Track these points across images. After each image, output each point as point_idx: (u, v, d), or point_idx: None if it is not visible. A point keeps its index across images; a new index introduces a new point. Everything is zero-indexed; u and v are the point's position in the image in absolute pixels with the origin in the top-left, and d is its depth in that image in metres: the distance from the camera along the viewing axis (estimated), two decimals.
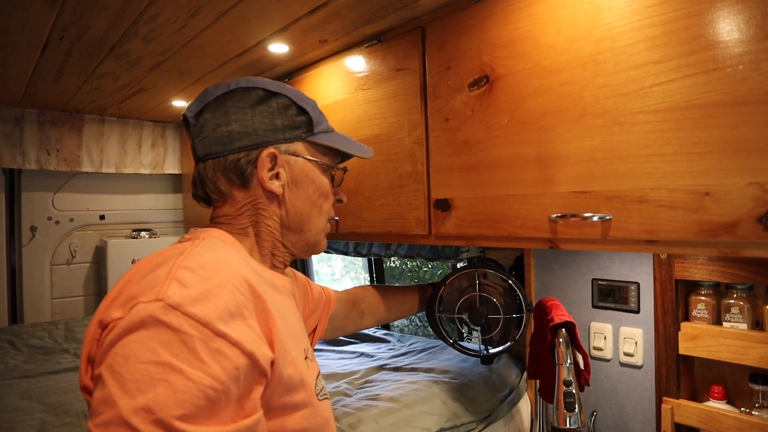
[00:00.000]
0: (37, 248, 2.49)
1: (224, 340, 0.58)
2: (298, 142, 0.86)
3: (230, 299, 0.62)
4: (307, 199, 0.87)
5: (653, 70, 0.91)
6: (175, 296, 0.58)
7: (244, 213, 0.84)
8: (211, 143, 0.82)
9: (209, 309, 0.59)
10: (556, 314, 1.21)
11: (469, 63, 1.21)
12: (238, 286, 0.64)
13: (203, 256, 0.67)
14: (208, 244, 0.73)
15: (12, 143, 2.26)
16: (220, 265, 0.66)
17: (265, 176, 0.82)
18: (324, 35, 1.48)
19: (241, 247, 0.81)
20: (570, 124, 1.03)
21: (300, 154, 0.86)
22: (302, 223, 0.88)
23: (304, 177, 0.87)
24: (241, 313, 0.62)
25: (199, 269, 0.63)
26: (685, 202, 0.88)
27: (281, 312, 0.73)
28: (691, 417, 1.26)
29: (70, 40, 1.46)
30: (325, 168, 0.91)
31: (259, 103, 0.83)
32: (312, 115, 0.88)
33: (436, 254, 1.87)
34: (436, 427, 1.33)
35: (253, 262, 0.80)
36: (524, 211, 1.11)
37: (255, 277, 0.70)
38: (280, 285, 0.85)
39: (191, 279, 0.61)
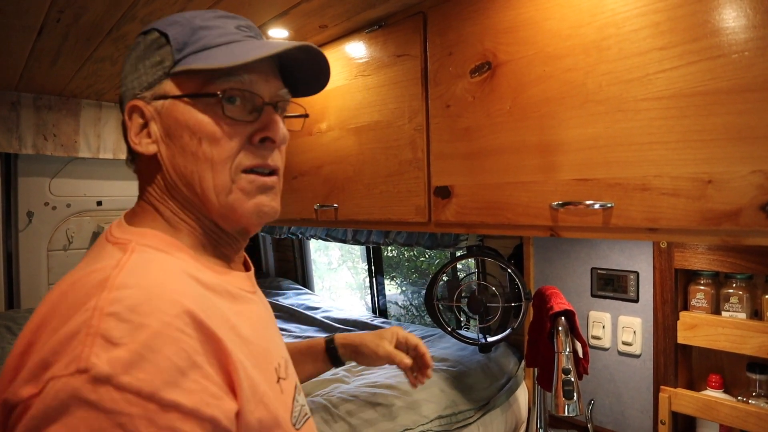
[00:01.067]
0: (33, 234, 2.48)
1: (176, 412, 0.46)
2: (163, 80, 0.63)
3: (176, 351, 0.48)
4: (185, 150, 0.63)
5: (657, 56, 0.90)
6: (103, 364, 0.44)
7: (151, 190, 0.66)
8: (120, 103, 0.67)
9: (151, 374, 0.45)
10: (556, 302, 1.21)
11: (471, 49, 1.20)
12: (184, 328, 0.49)
13: (132, 289, 0.50)
14: (138, 262, 0.55)
15: (8, 128, 2.24)
16: (156, 302, 0.49)
17: (132, 137, 0.63)
18: (324, 20, 1.46)
19: (182, 249, 0.62)
20: (573, 111, 1.02)
21: (168, 95, 0.63)
22: (191, 184, 0.63)
23: (175, 123, 0.63)
24: (194, 363, 0.49)
25: (129, 314, 0.47)
26: (688, 190, 0.87)
27: (243, 333, 0.59)
28: (689, 406, 1.26)
29: (66, 23, 1.44)
30: (210, 101, 0.63)
31: (132, 50, 0.65)
32: (173, 38, 0.63)
33: (435, 242, 1.87)
34: (435, 414, 1.33)
35: (202, 269, 0.62)
36: (525, 198, 1.10)
37: (205, 301, 0.55)
38: (237, 288, 0.66)
39: (120, 332, 0.46)
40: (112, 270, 0.52)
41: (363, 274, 5.26)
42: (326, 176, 1.62)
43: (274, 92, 0.68)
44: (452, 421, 1.35)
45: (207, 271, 0.62)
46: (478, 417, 1.42)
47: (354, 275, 5.48)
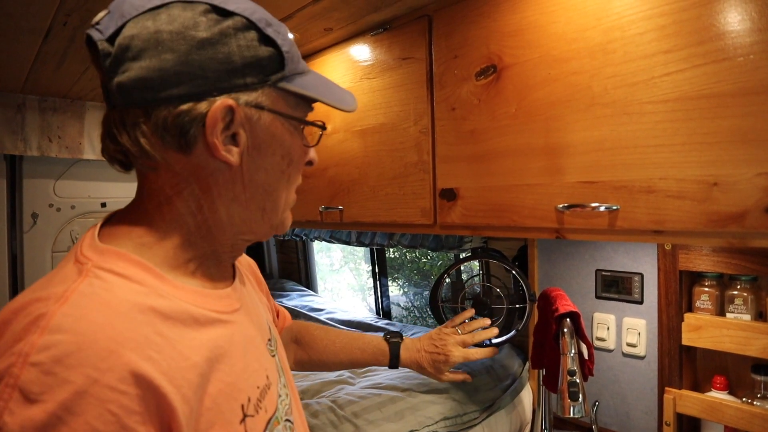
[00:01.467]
0: (38, 235, 2.49)
1: None
2: (264, 88, 0.60)
3: (100, 413, 0.43)
4: (273, 168, 0.63)
5: (663, 59, 0.91)
6: (14, 424, 0.40)
7: (182, 192, 0.60)
8: (135, 85, 0.54)
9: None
10: (561, 304, 1.22)
11: (477, 52, 1.20)
12: (117, 384, 0.44)
13: (65, 334, 0.44)
14: (85, 295, 0.49)
15: (13, 130, 2.25)
16: (87, 353, 0.44)
17: (218, 141, 0.57)
18: (329, 23, 1.47)
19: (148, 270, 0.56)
20: (578, 114, 1.02)
21: (266, 107, 0.60)
22: (265, 200, 0.64)
23: (270, 139, 0.62)
24: (123, 426, 0.44)
25: (54, 365, 0.43)
26: (693, 193, 0.88)
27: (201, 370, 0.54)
28: (693, 407, 1.26)
29: (73, 26, 1.44)
30: (297, 125, 0.65)
31: (206, 28, 0.55)
32: (283, 48, 0.60)
33: (439, 244, 1.88)
34: (440, 416, 1.34)
35: (168, 293, 0.56)
36: (531, 200, 1.11)
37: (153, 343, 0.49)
38: (209, 311, 0.60)
39: (40, 387, 0.42)
40: (54, 304, 0.47)
41: (365, 275, 5.27)
42: (331, 178, 1.63)
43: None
44: (457, 423, 1.36)
45: (172, 294, 0.56)
46: (483, 418, 1.42)
47: (356, 276, 5.49)
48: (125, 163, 0.61)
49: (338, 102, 0.67)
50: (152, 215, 0.60)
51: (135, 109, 0.56)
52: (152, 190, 0.61)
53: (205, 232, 0.62)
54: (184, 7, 0.55)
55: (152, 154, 0.57)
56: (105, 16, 0.56)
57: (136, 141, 0.56)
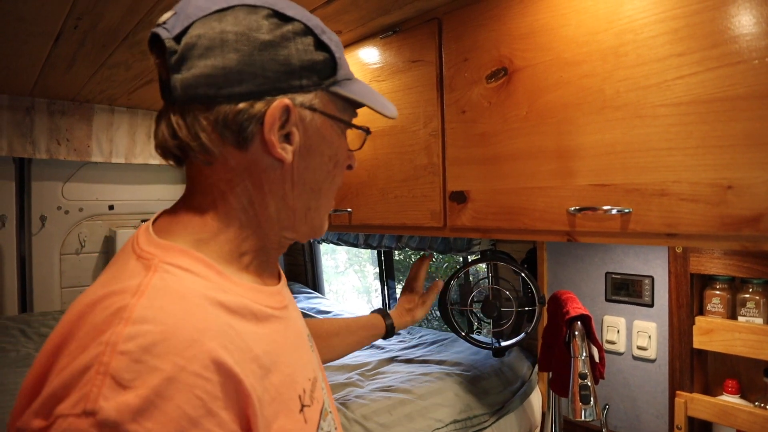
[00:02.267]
0: (46, 237, 2.50)
1: None
2: (318, 91, 0.63)
3: (189, 398, 0.46)
4: (321, 168, 0.66)
5: (676, 62, 0.91)
6: (110, 409, 0.42)
7: (236, 187, 0.62)
8: (198, 82, 0.57)
9: (159, 423, 0.43)
10: (572, 307, 1.21)
11: (487, 55, 1.20)
12: (202, 371, 0.47)
13: (149, 324, 0.47)
14: (160, 288, 0.52)
15: (22, 133, 2.26)
16: (173, 342, 0.47)
17: (275, 139, 0.60)
18: (339, 26, 1.47)
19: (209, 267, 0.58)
20: (590, 116, 1.02)
21: (318, 109, 0.63)
22: (311, 200, 0.67)
23: (321, 140, 0.65)
24: (208, 411, 0.47)
25: (143, 354, 0.45)
26: (707, 196, 0.88)
27: (266, 363, 0.57)
28: (705, 411, 1.26)
29: (83, 30, 1.45)
30: (344, 127, 0.69)
31: (269, 31, 0.59)
32: (336, 54, 0.64)
33: (447, 247, 1.87)
34: (450, 418, 1.34)
35: (229, 289, 0.59)
36: (542, 203, 1.11)
37: (229, 332, 0.53)
38: (265, 307, 0.63)
39: (131, 374, 0.44)
40: (132, 297, 0.49)
41: (370, 277, 5.27)
42: None
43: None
44: (467, 425, 1.36)
45: (233, 290, 0.59)
46: (493, 421, 1.42)
47: (361, 278, 5.49)
48: (180, 158, 0.63)
49: (382, 108, 0.70)
50: (206, 210, 0.62)
51: (196, 105, 0.58)
52: (206, 186, 0.63)
53: (255, 227, 0.64)
54: (249, 10, 0.59)
55: (211, 148, 0.59)
56: (171, 16, 0.59)
57: (196, 136, 0.58)
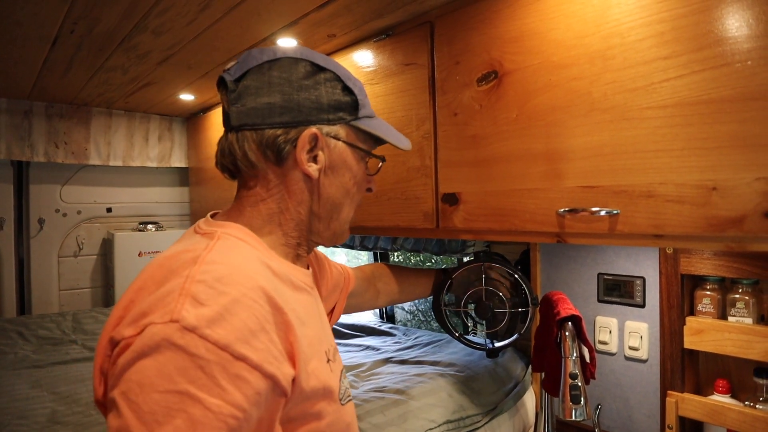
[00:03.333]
0: (44, 240, 2.51)
1: (244, 363, 0.55)
2: (342, 124, 0.81)
3: (249, 316, 0.58)
4: (342, 186, 0.83)
5: (662, 65, 0.92)
6: (191, 317, 0.55)
7: (274, 194, 0.79)
8: (249, 113, 0.76)
9: (227, 330, 0.55)
10: (563, 308, 1.22)
11: (478, 58, 1.22)
12: (257, 299, 0.61)
13: (218, 264, 0.62)
14: (223, 246, 0.68)
15: (20, 136, 2.27)
16: (236, 276, 0.61)
17: (304, 158, 0.77)
18: (333, 30, 1.48)
19: (259, 242, 0.76)
20: (578, 119, 1.03)
21: (341, 138, 0.81)
22: (332, 211, 0.84)
23: (342, 163, 0.82)
24: (263, 328, 0.59)
25: (215, 282, 0.59)
26: (693, 197, 0.89)
27: (301, 316, 0.70)
28: (696, 410, 1.27)
29: (80, 34, 1.47)
30: (363, 155, 0.86)
31: (305, 77, 0.78)
32: (359, 97, 0.83)
33: (442, 248, 1.88)
34: (443, 419, 1.34)
35: (274, 259, 0.75)
36: (532, 205, 1.12)
37: (273, 283, 0.67)
38: (300, 281, 0.79)
39: (207, 295, 0.57)
40: (203, 251, 0.65)
41: None
42: None
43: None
44: (460, 426, 1.36)
45: (277, 261, 0.76)
46: (486, 421, 1.43)
47: None
48: (233, 172, 0.82)
49: (396, 141, 0.90)
50: (250, 212, 0.79)
51: (247, 131, 0.77)
52: (251, 194, 0.80)
53: (290, 227, 0.81)
54: (292, 61, 0.78)
55: (256, 164, 0.78)
56: (234, 65, 0.79)
57: (245, 154, 0.77)
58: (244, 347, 0.56)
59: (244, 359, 0.55)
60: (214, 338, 0.54)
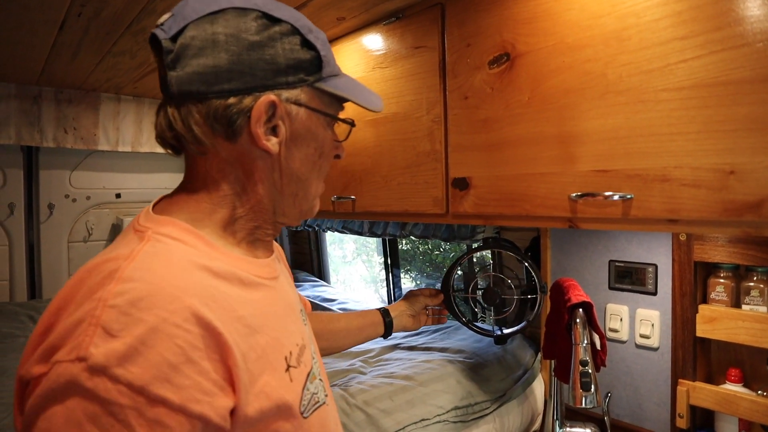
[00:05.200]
0: (54, 225, 2.52)
1: (163, 407, 0.48)
2: (303, 87, 0.68)
3: (170, 346, 0.50)
4: (307, 159, 0.71)
5: (679, 46, 0.89)
6: (99, 354, 0.47)
7: (227, 175, 0.68)
8: (191, 79, 0.63)
9: (143, 368, 0.48)
10: (574, 294, 1.21)
11: (490, 40, 1.19)
12: (182, 323, 0.52)
13: (136, 282, 0.52)
14: (150, 253, 0.58)
15: (30, 121, 2.28)
16: (157, 298, 0.52)
17: (260, 131, 0.65)
18: (342, 12, 1.46)
19: (199, 238, 0.64)
20: (592, 102, 1.01)
21: (303, 104, 0.68)
22: (298, 188, 0.72)
23: (306, 132, 0.70)
24: (188, 359, 0.51)
25: (129, 308, 0.50)
26: (709, 181, 0.87)
27: (251, 323, 0.61)
28: (707, 399, 1.25)
29: (87, 17, 1.45)
30: (330, 121, 0.74)
31: (257, 32, 0.64)
32: (321, 52, 0.69)
33: (451, 234, 1.87)
34: (451, 405, 1.34)
35: (215, 257, 0.63)
36: (544, 189, 1.10)
37: (210, 292, 0.58)
38: (254, 275, 0.68)
39: (119, 325, 0.49)
40: (123, 261, 0.55)
41: (377, 267, 5.28)
42: (343, 168, 1.63)
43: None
44: (468, 412, 1.36)
45: (220, 258, 0.64)
46: (495, 408, 1.42)
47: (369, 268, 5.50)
48: (177, 148, 0.69)
49: (367, 103, 0.76)
50: (201, 195, 0.68)
51: (190, 100, 0.64)
52: (200, 174, 0.68)
53: (247, 210, 0.70)
54: (239, 13, 0.64)
55: (203, 140, 0.65)
56: (169, 18, 0.64)
57: (190, 128, 0.64)
58: (163, 387, 0.49)
59: (164, 402, 0.49)
60: (127, 379, 0.47)
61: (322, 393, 0.74)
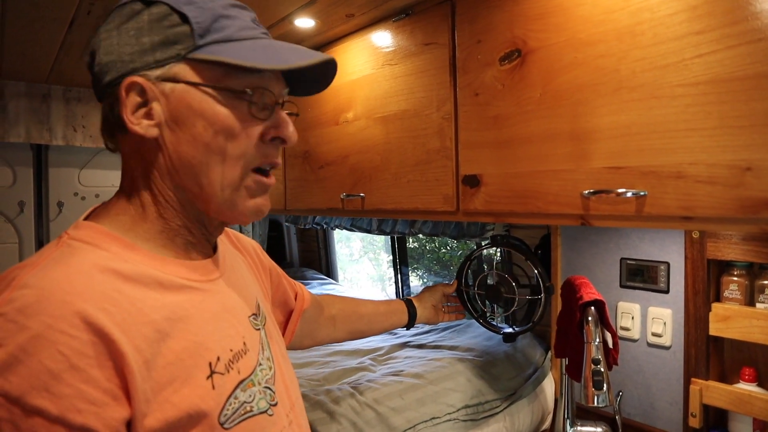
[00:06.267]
0: (64, 223, 2.53)
1: (39, 418, 0.46)
2: (177, 62, 0.62)
3: (52, 354, 0.47)
4: (196, 140, 0.63)
5: (694, 41, 0.88)
6: None
7: (133, 170, 0.65)
8: (94, 83, 0.65)
9: (21, 377, 0.46)
10: (585, 292, 1.20)
11: (501, 36, 1.18)
12: (68, 329, 0.49)
13: (29, 289, 0.50)
14: (57, 258, 0.56)
15: (39, 119, 2.29)
16: (45, 303, 0.49)
17: (129, 116, 0.61)
18: (351, 9, 1.46)
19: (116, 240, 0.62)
20: (605, 98, 1.00)
21: (180, 79, 0.62)
22: (195, 175, 0.64)
23: (188, 110, 0.62)
24: (72, 366, 0.48)
25: (17, 315, 0.48)
26: (725, 178, 0.86)
27: (162, 328, 0.57)
28: (721, 399, 1.24)
29: (97, 15, 1.46)
30: (229, 95, 0.64)
31: (128, 19, 0.62)
32: (194, 21, 0.62)
33: (461, 232, 1.86)
34: (461, 403, 1.34)
35: (127, 258, 0.60)
36: (556, 187, 1.09)
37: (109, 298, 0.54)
38: (177, 278, 0.64)
39: (4, 333, 0.47)
40: (25, 268, 0.54)
41: (384, 265, 5.28)
42: (353, 166, 1.62)
43: (280, 91, 0.69)
44: (479, 411, 1.36)
45: (138, 260, 0.61)
46: (505, 407, 1.41)
47: (375, 266, 5.50)
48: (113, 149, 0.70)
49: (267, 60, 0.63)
50: (122, 194, 0.67)
51: (101, 102, 0.66)
52: (123, 172, 0.68)
53: (164, 207, 0.66)
54: (120, 8, 0.64)
55: (107, 137, 0.67)
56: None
57: (101, 128, 0.68)
58: (40, 397, 0.46)
59: (40, 413, 0.46)
60: (5, 389, 0.45)
61: (263, 402, 0.68)
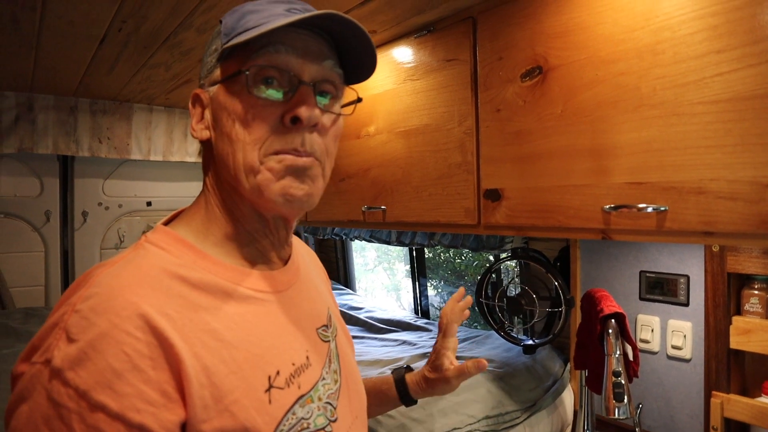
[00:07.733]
0: (88, 232, 2.59)
1: (102, 413, 0.47)
2: (216, 67, 0.65)
3: (116, 353, 0.49)
4: (224, 134, 0.63)
5: (715, 59, 0.90)
6: (59, 358, 0.49)
7: (204, 173, 0.70)
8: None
9: (89, 373, 0.48)
10: (606, 305, 1.21)
11: (522, 53, 1.21)
12: (132, 330, 0.50)
13: (101, 287, 0.53)
14: (131, 260, 0.57)
15: (66, 131, 2.34)
16: (112, 303, 0.51)
17: (193, 125, 0.67)
18: (374, 26, 1.49)
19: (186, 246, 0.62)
20: (626, 115, 1.02)
21: (217, 81, 0.65)
22: (228, 167, 0.63)
23: (218, 107, 0.64)
24: (134, 366, 0.49)
25: (89, 312, 0.50)
26: (746, 194, 0.87)
27: (224, 337, 0.57)
28: (742, 412, 1.24)
29: (127, 32, 1.50)
30: (236, 83, 0.62)
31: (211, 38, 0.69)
32: (223, 24, 0.65)
33: (480, 244, 1.88)
34: (482, 414, 1.35)
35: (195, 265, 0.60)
36: (577, 201, 1.11)
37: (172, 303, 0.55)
38: (248, 288, 0.64)
39: (78, 329, 0.50)
40: (103, 267, 0.56)
41: (399, 275, 5.28)
42: (374, 179, 1.65)
43: (316, 72, 0.64)
44: (499, 422, 1.37)
45: (206, 268, 0.61)
46: (525, 418, 1.42)
47: (390, 276, 5.50)
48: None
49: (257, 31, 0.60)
50: (200, 200, 0.69)
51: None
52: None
53: (227, 209, 0.67)
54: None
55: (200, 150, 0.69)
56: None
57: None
58: (104, 393, 0.48)
59: (103, 409, 0.47)
60: (75, 383, 0.48)
61: (321, 419, 0.65)
